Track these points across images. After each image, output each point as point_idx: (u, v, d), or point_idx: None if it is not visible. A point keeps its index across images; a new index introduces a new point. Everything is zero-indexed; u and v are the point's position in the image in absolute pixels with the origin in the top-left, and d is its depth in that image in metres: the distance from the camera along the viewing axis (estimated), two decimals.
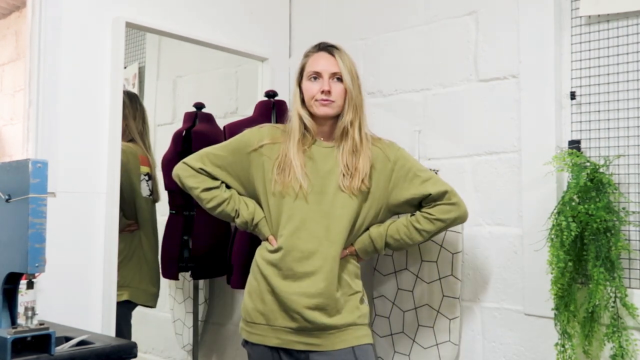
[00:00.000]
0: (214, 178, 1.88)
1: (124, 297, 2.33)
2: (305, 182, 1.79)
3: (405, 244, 1.86)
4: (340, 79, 1.82)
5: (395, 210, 1.89)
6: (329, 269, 1.75)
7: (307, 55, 1.89)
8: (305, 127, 1.85)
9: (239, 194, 1.90)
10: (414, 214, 1.85)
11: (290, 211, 1.79)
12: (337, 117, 1.84)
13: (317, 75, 1.83)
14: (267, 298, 1.79)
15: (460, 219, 1.85)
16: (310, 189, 1.79)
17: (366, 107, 1.90)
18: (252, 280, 1.85)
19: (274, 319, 1.78)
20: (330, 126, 1.86)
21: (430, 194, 1.81)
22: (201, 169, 1.87)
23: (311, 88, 1.83)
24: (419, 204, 1.85)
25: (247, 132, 1.92)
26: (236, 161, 1.88)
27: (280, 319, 1.77)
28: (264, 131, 1.90)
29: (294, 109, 1.87)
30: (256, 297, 1.82)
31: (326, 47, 1.86)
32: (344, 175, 1.80)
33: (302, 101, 1.86)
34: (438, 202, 1.81)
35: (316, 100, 1.81)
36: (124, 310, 2.28)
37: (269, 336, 1.78)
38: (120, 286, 2.11)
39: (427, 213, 1.82)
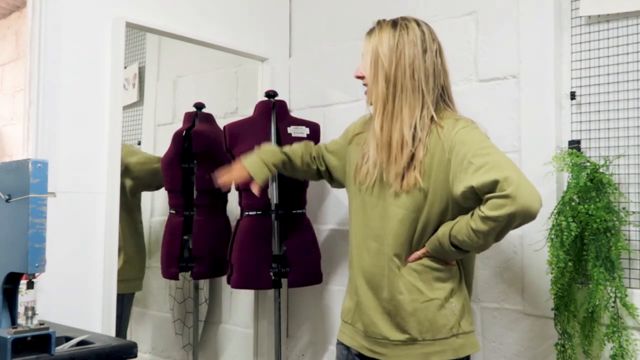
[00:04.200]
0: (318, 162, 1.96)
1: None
2: (371, 176, 1.68)
3: (470, 247, 1.57)
4: None
5: (462, 205, 1.58)
6: (385, 273, 1.63)
7: None
8: None
9: (337, 177, 1.93)
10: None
11: (355, 206, 1.74)
12: None
13: None
14: (353, 298, 1.73)
15: (521, 216, 1.45)
16: (372, 181, 1.68)
17: (411, 89, 1.63)
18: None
19: (354, 320, 1.72)
20: None
21: (473, 186, 1.49)
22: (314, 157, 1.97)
23: None
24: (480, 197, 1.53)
25: (351, 127, 1.90)
26: (342, 149, 1.88)
27: (359, 322, 1.70)
28: (359, 122, 1.86)
29: None
30: (348, 296, 1.78)
31: (371, 28, 1.74)
32: (375, 167, 1.66)
33: None
34: (490, 195, 1.47)
35: None
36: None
37: (350, 337, 1.73)
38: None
39: (480, 210, 1.50)
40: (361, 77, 1.74)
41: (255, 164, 1.90)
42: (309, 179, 2.14)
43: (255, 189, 1.90)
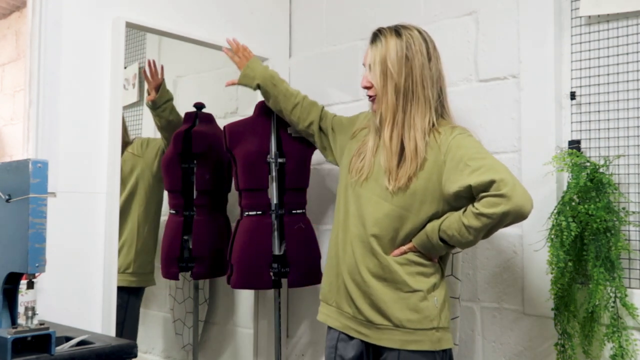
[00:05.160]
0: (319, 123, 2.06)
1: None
2: (365, 171, 1.75)
3: (458, 242, 1.64)
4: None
5: (454, 204, 1.67)
6: (367, 259, 1.71)
7: None
8: None
9: (329, 154, 2.04)
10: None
11: (343, 193, 1.81)
12: None
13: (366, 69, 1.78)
14: (335, 281, 1.82)
15: (513, 215, 1.55)
16: (364, 176, 1.75)
17: (423, 98, 1.70)
18: None
19: (339, 303, 1.79)
20: None
21: (470, 185, 1.58)
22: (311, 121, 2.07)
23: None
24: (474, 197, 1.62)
25: (362, 116, 1.96)
26: (345, 135, 1.95)
27: (343, 305, 1.77)
28: (366, 117, 1.90)
29: None
30: (327, 278, 1.85)
31: (373, 35, 1.76)
32: (387, 173, 1.71)
33: None
34: (485, 194, 1.56)
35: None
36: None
37: (334, 318, 1.79)
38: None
39: (474, 207, 1.59)
40: (368, 87, 1.77)
41: (251, 72, 2.12)
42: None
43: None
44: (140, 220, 2.46)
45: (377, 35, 1.75)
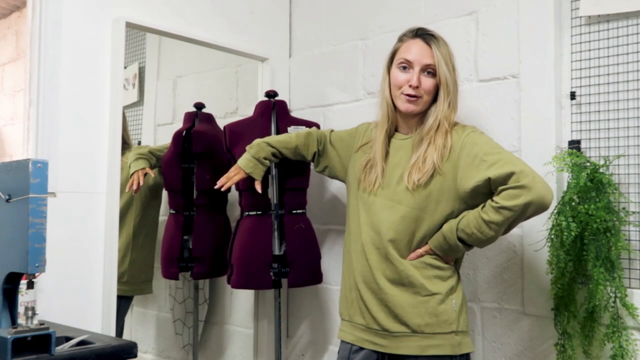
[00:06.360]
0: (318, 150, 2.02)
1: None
2: (379, 179, 1.74)
3: (478, 240, 1.63)
4: (431, 72, 1.71)
5: (470, 202, 1.67)
6: (384, 266, 1.70)
7: (400, 40, 1.78)
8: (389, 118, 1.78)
9: (335, 171, 1.99)
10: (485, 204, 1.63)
11: (355, 206, 1.80)
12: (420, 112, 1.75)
13: (407, 65, 1.72)
14: (350, 294, 1.81)
15: (535, 205, 1.55)
16: (377, 185, 1.75)
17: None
18: None
19: (351, 315, 1.77)
20: (415, 120, 1.77)
21: (489, 179, 1.58)
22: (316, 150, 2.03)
23: (399, 77, 1.72)
24: (492, 192, 1.62)
25: (361, 128, 1.95)
26: (347, 150, 1.95)
27: (357, 316, 1.75)
28: (368, 130, 1.91)
29: (383, 98, 1.79)
30: (343, 294, 1.85)
31: (423, 35, 1.73)
32: (412, 169, 1.69)
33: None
34: (504, 187, 1.56)
35: (403, 93, 1.72)
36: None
37: (349, 332, 1.78)
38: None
39: (493, 201, 1.58)
40: (415, 87, 1.72)
41: (250, 163, 2.01)
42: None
43: (258, 187, 2.04)
44: (135, 231, 2.45)
45: (432, 36, 1.73)
